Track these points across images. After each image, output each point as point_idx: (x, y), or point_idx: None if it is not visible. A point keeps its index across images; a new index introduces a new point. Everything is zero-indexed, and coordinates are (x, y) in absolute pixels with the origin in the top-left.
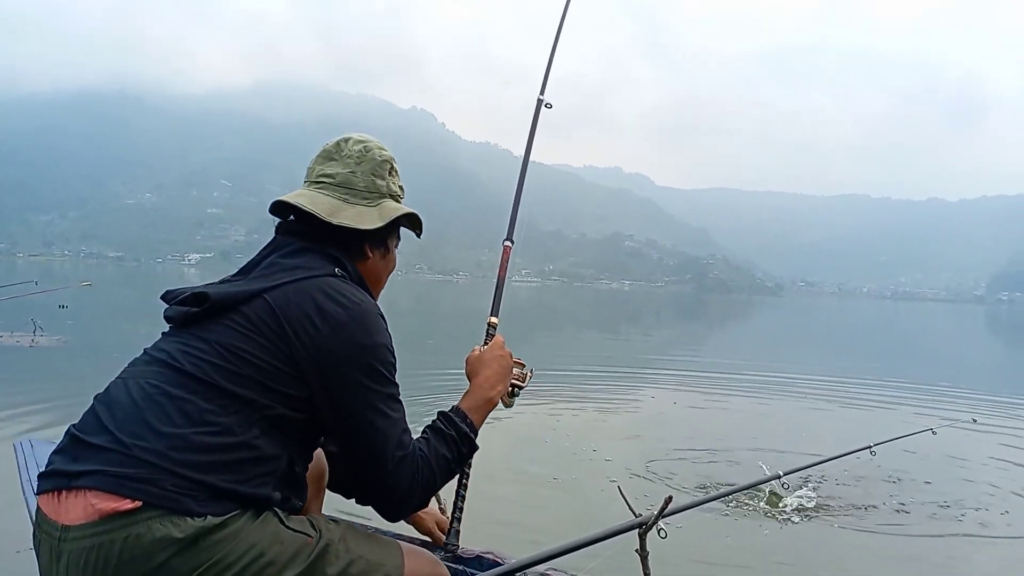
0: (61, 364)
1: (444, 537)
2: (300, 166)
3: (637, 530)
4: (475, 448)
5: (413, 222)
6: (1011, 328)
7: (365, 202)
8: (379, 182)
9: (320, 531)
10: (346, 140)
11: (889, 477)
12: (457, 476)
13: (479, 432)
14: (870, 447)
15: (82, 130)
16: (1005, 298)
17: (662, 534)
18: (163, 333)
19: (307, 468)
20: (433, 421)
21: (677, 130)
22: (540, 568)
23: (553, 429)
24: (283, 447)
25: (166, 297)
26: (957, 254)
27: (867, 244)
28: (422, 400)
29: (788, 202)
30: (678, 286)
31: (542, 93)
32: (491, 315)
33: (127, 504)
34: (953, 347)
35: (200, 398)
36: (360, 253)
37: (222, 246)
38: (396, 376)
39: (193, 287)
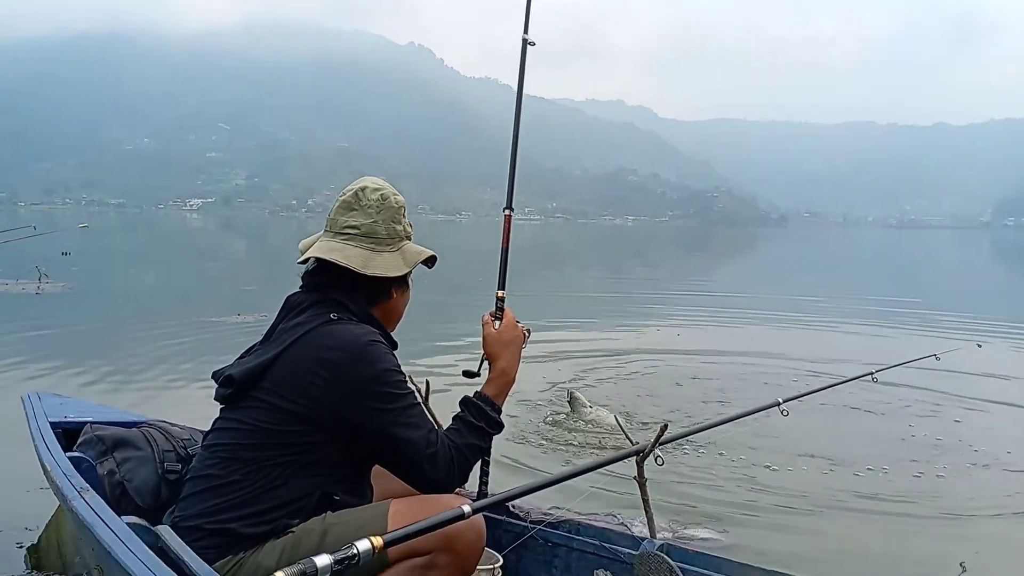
0: (67, 310)
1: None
2: (297, 108)
3: (635, 458)
4: (502, 428)
5: (429, 259)
6: (1016, 254)
7: (388, 248)
8: (397, 227)
9: (305, 526)
10: (363, 189)
11: (892, 404)
12: None
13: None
14: (872, 373)
15: (74, 76)
16: (1011, 223)
17: (659, 461)
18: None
19: (356, 491)
20: (461, 412)
21: (678, 59)
22: (539, 502)
23: (554, 366)
24: (313, 486)
25: (215, 376)
26: (963, 180)
27: (872, 172)
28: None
29: (792, 131)
30: (682, 220)
31: (526, 32)
32: (499, 288)
33: None
34: (958, 274)
35: (229, 472)
36: (387, 295)
37: (223, 191)
38: (406, 385)
39: (229, 367)
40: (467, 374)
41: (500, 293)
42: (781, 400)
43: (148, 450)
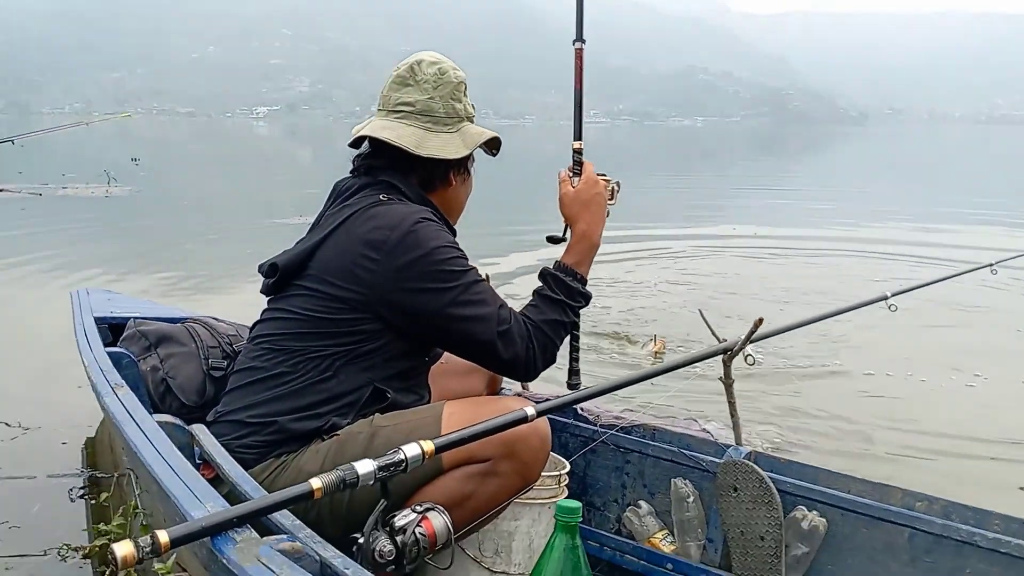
0: (132, 213)
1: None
2: (359, 13)
3: (721, 356)
4: (589, 299)
5: (492, 143)
6: None
7: (447, 128)
8: (457, 106)
9: (351, 429)
10: (419, 63)
11: (1013, 300)
12: None
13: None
14: (991, 264)
15: None
16: None
17: (750, 360)
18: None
19: (410, 389)
20: (540, 287)
21: None
22: (610, 406)
23: (630, 270)
24: (364, 380)
25: (260, 268)
26: None
27: (962, 65)
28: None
29: (874, 22)
30: (755, 120)
31: None
32: (574, 139)
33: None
34: None
35: (275, 363)
36: (444, 180)
37: (288, 98)
38: (467, 261)
39: (274, 257)
40: (551, 240)
41: (576, 144)
42: (889, 293)
43: (192, 346)
